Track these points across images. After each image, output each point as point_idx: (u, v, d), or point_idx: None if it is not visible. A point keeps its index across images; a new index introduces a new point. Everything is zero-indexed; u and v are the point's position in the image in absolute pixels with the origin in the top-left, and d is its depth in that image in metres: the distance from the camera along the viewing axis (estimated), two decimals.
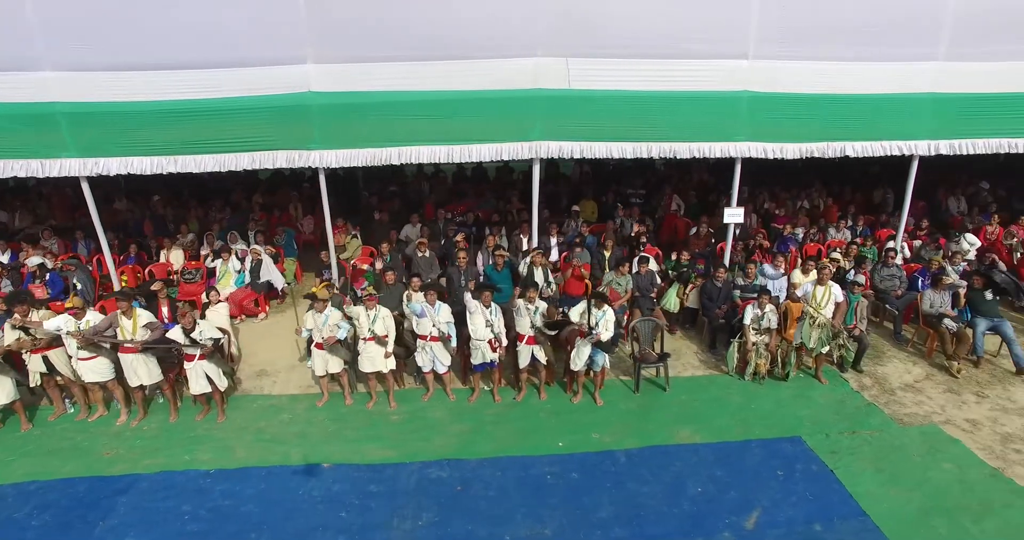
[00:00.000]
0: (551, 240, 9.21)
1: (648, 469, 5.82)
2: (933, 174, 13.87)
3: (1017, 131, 8.23)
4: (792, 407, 6.82)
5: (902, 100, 7.91)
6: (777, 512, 5.30)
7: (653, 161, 13.57)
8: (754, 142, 7.75)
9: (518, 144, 7.43)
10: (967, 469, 5.84)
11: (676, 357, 7.90)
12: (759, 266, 8.18)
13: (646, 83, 7.34)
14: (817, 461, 5.91)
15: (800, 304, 7.23)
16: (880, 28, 7.53)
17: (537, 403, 6.94)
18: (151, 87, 6.68)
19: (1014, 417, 6.68)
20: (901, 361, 7.83)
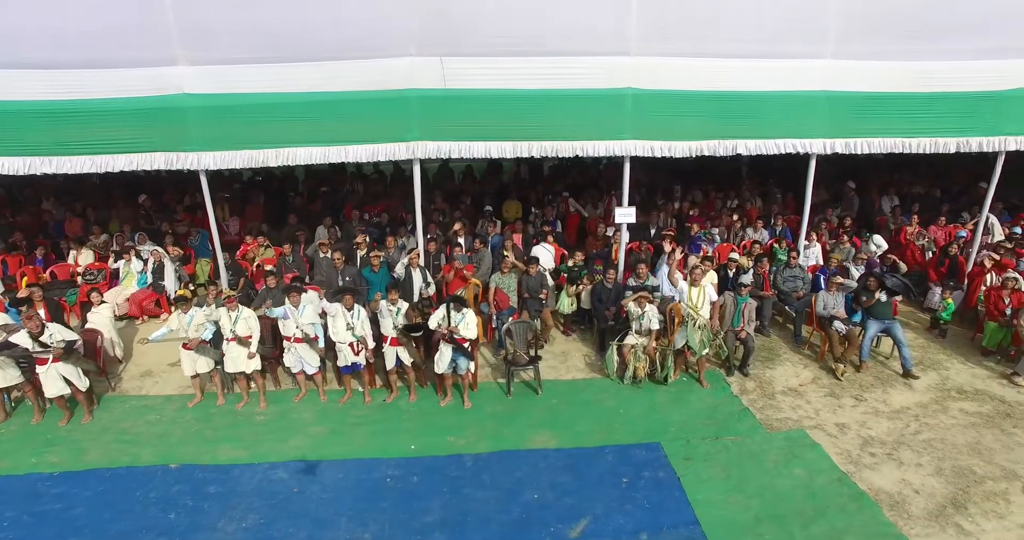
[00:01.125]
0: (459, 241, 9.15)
1: (491, 474, 5.75)
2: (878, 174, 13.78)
3: (910, 131, 8.03)
4: (664, 412, 6.72)
5: (795, 98, 7.74)
6: (608, 520, 5.21)
7: (594, 161, 13.63)
8: (641, 141, 7.62)
9: (395, 145, 7.36)
10: (817, 475, 5.72)
11: (564, 359, 7.84)
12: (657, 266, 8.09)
13: (524, 81, 7.24)
14: (667, 468, 5.81)
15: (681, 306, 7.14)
16: (767, 25, 7.39)
17: (406, 405, 6.90)
18: (19, 87, 6.70)
19: (883, 420, 6.54)
20: (793, 364, 7.69)
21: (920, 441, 6.22)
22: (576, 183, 12.18)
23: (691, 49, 7.42)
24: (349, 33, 6.97)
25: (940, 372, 7.54)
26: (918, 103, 7.99)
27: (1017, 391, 7.09)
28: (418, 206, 7.91)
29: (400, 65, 7.14)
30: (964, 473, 5.74)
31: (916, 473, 5.75)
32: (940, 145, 8.21)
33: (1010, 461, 5.90)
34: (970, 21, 7.64)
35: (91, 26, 6.58)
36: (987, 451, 6.06)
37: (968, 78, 7.93)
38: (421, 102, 7.27)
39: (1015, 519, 5.20)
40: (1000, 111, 8.10)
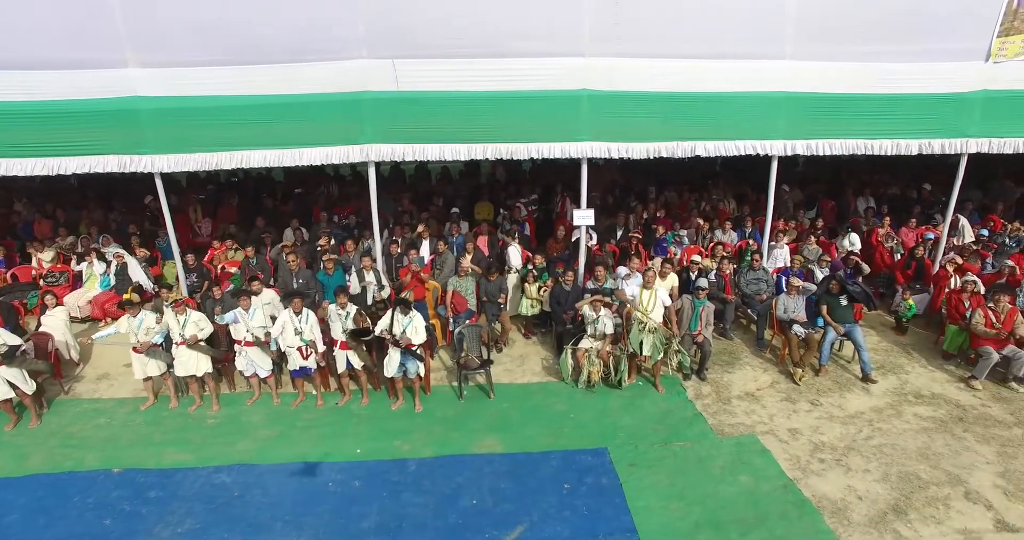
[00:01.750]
0: (423, 242, 9.11)
1: (433, 479, 5.72)
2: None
3: (872, 133, 7.97)
4: (615, 416, 6.67)
5: (755, 99, 7.67)
6: (544, 527, 5.17)
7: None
8: (598, 142, 7.56)
9: (348, 147, 7.32)
10: (763, 481, 5.67)
11: (521, 363, 7.80)
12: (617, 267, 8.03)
13: (478, 83, 7.18)
14: (611, 474, 5.76)
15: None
16: (724, 26, 7.31)
17: (358, 408, 6.86)
18: None
19: (836, 425, 6.49)
20: (752, 368, 7.64)
21: (871, 446, 6.17)
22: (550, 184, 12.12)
23: (647, 50, 7.35)
24: (300, 35, 6.92)
25: (900, 376, 7.48)
26: (880, 104, 7.92)
27: (973, 395, 7.04)
28: (374, 209, 7.85)
29: (353, 68, 7.09)
30: (909, 479, 5.69)
31: (862, 479, 5.70)
32: (902, 146, 8.15)
33: (956, 466, 5.85)
34: (928, 23, 7.56)
35: (40, 27, 6.54)
36: (935, 456, 6.01)
37: (928, 80, 7.85)
38: (374, 104, 7.22)
39: (953, 524, 5.15)
40: (961, 113, 8.03)
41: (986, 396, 7.03)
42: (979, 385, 7.15)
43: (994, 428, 6.46)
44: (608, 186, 12.24)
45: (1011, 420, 6.59)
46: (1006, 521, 5.19)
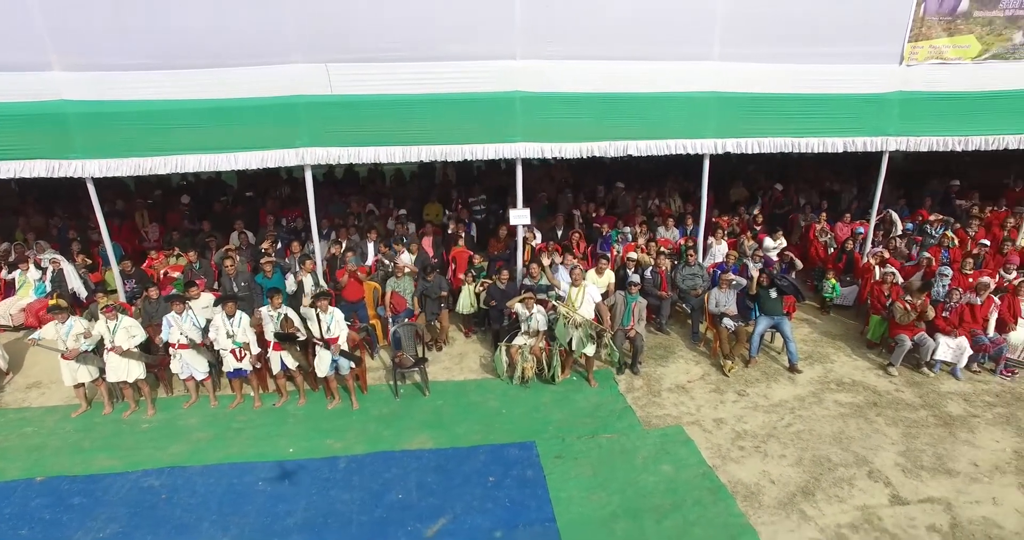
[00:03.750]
0: (368, 244, 9.18)
1: (361, 476, 5.80)
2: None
3: (799, 131, 8.28)
4: (547, 411, 6.82)
5: (685, 99, 7.91)
6: (466, 519, 5.29)
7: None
8: (531, 142, 7.72)
9: (284, 151, 7.36)
10: (683, 470, 5.87)
11: (460, 361, 7.92)
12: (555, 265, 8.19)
13: (411, 86, 7.29)
14: (536, 466, 5.91)
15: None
16: (653, 28, 7.54)
17: (294, 409, 6.91)
18: None
19: (759, 414, 6.73)
20: (686, 361, 7.86)
21: (790, 433, 6.42)
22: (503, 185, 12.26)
23: (579, 52, 7.55)
24: (232, 40, 6.95)
25: (825, 365, 7.78)
26: (805, 104, 8.23)
27: (889, 381, 7.37)
28: (312, 212, 7.90)
29: (286, 72, 7.14)
30: (821, 462, 5.95)
31: (777, 464, 5.94)
32: (828, 145, 8.48)
33: (865, 448, 6.13)
34: (845, 27, 7.91)
35: None
36: (847, 440, 6.29)
37: (849, 81, 8.19)
38: (308, 108, 7.28)
39: (854, 502, 5.42)
40: (881, 112, 8.39)
41: (901, 382, 7.36)
42: (895, 371, 7.49)
43: (903, 411, 6.78)
44: (559, 185, 12.44)
45: (919, 403, 6.92)
46: (900, 496, 5.50)
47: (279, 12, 6.88)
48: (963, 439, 6.32)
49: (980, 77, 8.34)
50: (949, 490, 5.59)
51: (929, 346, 7.37)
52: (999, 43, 8.18)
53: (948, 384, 7.33)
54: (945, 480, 5.72)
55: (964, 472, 5.83)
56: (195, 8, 6.73)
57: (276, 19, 6.91)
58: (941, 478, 5.75)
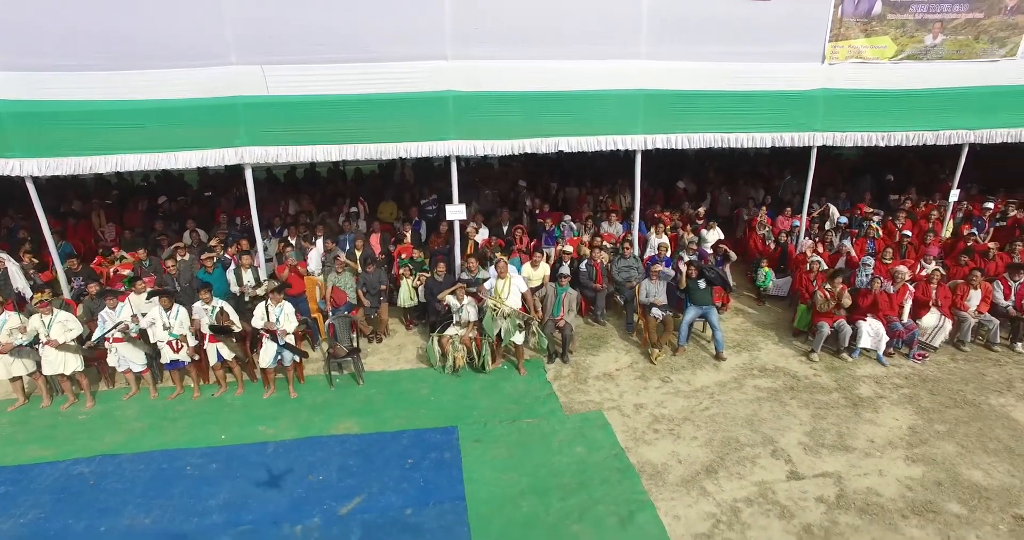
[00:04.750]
0: (317, 241, 9.40)
1: (287, 459, 6.04)
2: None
3: (728, 127, 8.58)
4: (474, 398, 7.07)
5: (614, 97, 8.20)
6: (380, 498, 5.54)
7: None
8: (463, 140, 7.99)
9: (224, 150, 7.59)
10: (596, 451, 6.13)
11: (398, 352, 8.17)
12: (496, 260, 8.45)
13: (347, 86, 7.54)
14: (455, 449, 6.16)
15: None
16: (580, 28, 7.84)
17: (232, 399, 7.14)
18: None
19: (680, 399, 7.01)
20: (617, 350, 8.14)
21: (705, 416, 6.70)
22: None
23: (509, 52, 7.82)
24: (169, 42, 7.18)
25: (751, 353, 8.08)
26: (733, 101, 8.53)
27: (810, 367, 7.67)
28: (253, 210, 8.10)
29: (224, 73, 7.37)
30: (729, 442, 6.23)
31: (688, 445, 6.21)
32: (757, 140, 8.79)
33: (773, 429, 6.42)
34: (771, 27, 8.25)
35: None
36: (759, 422, 6.57)
37: (775, 79, 8.52)
38: (247, 109, 7.51)
39: (753, 478, 5.70)
40: (807, 109, 8.71)
41: (820, 367, 7.67)
42: (816, 357, 7.79)
43: (817, 394, 7.08)
44: (512, 183, 12.72)
45: (833, 386, 7.23)
46: (797, 472, 5.79)
47: (215, 15, 7.12)
48: (867, 418, 6.63)
49: (897, 76, 8.69)
50: (843, 465, 5.89)
51: (846, 333, 7.68)
52: (912, 44, 8.54)
53: (864, 368, 7.65)
54: (841, 456, 6.02)
55: (860, 448, 6.13)
56: (132, 10, 6.96)
57: (212, 22, 7.15)
58: (838, 454, 6.05)
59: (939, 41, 8.59)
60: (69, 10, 6.91)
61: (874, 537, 5.05)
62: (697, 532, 5.12)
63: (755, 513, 5.31)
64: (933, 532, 5.09)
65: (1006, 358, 7.83)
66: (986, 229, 9.82)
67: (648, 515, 5.29)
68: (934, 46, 8.61)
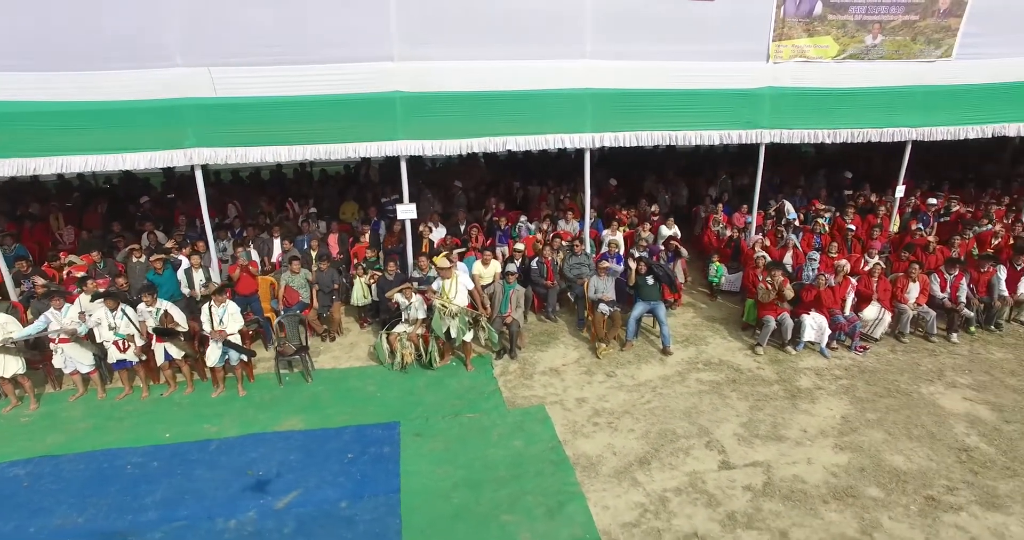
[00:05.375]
0: (274, 241, 9.47)
1: (229, 456, 6.11)
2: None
3: (675, 125, 8.71)
4: (420, 394, 7.17)
5: (561, 96, 8.31)
6: (317, 492, 5.62)
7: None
8: (413, 141, 8.08)
9: (173, 152, 7.61)
10: (533, 445, 6.24)
11: (350, 350, 8.25)
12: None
13: (295, 88, 7.60)
14: (394, 444, 6.26)
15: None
16: (525, 28, 7.95)
17: (180, 398, 7.19)
18: None
19: (622, 393, 7.14)
20: (565, 346, 8.27)
21: (645, 409, 6.84)
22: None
23: (455, 53, 7.93)
24: (112, 43, 7.21)
25: (699, 347, 8.23)
26: (680, 99, 8.68)
27: (754, 360, 7.83)
28: (204, 211, 8.13)
29: (171, 74, 7.40)
30: (666, 434, 6.37)
31: (624, 438, 6.34)
32: (704, 137, 8.94)
33: (710, 421, 6.57)
34: (716, 26, 8.43)
35: None
36: (697, 414, 6.72)
37: (722, 77, 8.68)
38: (195, 110, 7.54)
39: (684, 469, 5.84)
40: (753, 107, 8.87)
41: (764, 360, 7.83)
42: (761, 351, 7.96)
43: (758, 386, 7.24)
44: (476, 182, 12.83)
45: (774, 378, 7.39)
46: (729, 462, 5.93)
47: (159, 17, 7.17)
48: (803, 409, 6.80)
49: (841, 75, 8.89)
50: (774, 454, 6.05)
51: (788, 326, 7.85)
52: (853, 44, 8.74)
53: (807, 361, 7.82)
54: (773, 446, 6.18)
55: (792, 438, 6.29)
56: (73, 11, 6.99)
57: (156, 24, 7.20)
58: (771, 444, 6.21)
59: (879, 41, 8.80)
60: (8, 10, 6.93)
61: (794, 522, 5.21)
62: (623, 521, 5.25)
63: (683, 502, 5.45)
64: (850, 516, 5.26)
65: (941, 348, 8.05)
66: (931, 224, 10.06)
67: (577, 505, 5.41)
68: (874, 46, 8.82)
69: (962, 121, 9.30)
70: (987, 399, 6.90)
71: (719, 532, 5.12)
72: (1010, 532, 5.05)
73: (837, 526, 5.16)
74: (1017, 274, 8.36)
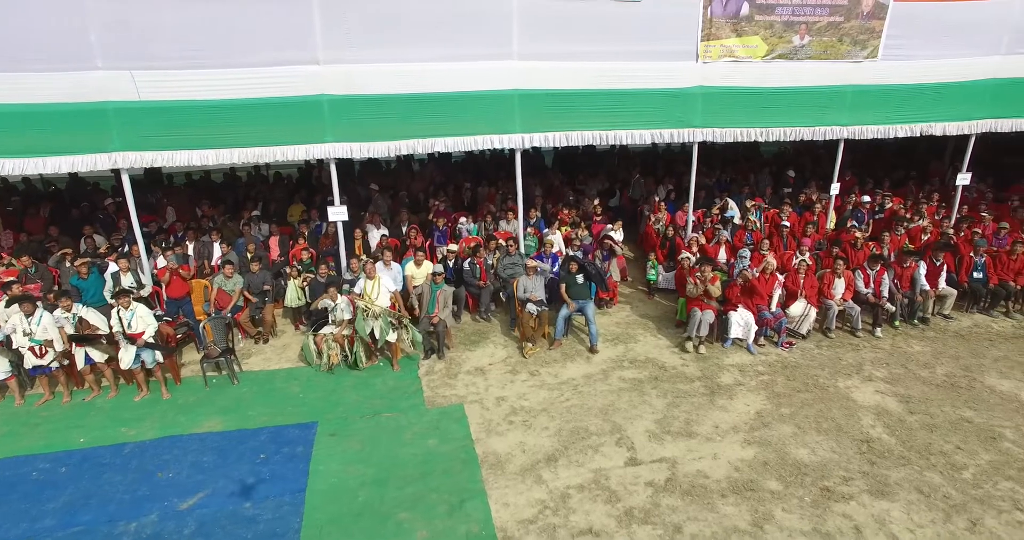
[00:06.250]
0: (214, 245, 9.47)
1: (141, 459, 6.11)
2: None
3: (607, 125, 8.81)
4: (343, 394, 7.21)
5: (488, 97, 8.37)
6: (224, 492, 5.65)
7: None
8: (342, 143, 8.12)
9: (96, 156, 7.58)
10: (446, 443, 6.30)
11: (282, 351, 8.27)
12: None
13: (221, 92, 7.58)
14: (308, 443, 6.30)
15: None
16: (450, 29, 7.99)
17: (103, 402, 7.17)
18: None
19: (543, 392, 7.21)
20: (495, 346, 8.33)
21: (563, 408, 6.90)
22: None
23: (382, 55, 7.95)
24: (29, 44, 7.16)
25: (628, 345, 8.32)
26: (611, 99, 8.77)
27: (680, 357, 7.93)
28: (133, 215, 8.13)
29: (92, 77, 7.37)
30: (578, 432, 6.44)
31: (537, 436, 6.40)
32: (637, 137, 9.05)
33: (625, 418, 6.64)
34: (645, 27, 8.49)
35: None
36: (613, 411, 6.79)
37: (652, 77, 8.78)
38: (118, 114, 7.53)
39: (591, 466, 5.91)
40: (686, 106, 8.99)
41: (690, 357, 7.93)
42: (690, 347, 8.05)
43: (679, 383, 7.33)
44: (426, 184, 12.88)
45: (697, 375, 7.49)
46: (636, 458, 6.01)
47: (77, 19, 7.13)
48: (720, 405, 6.90)
49: (771, 75, 9.01)
50: (682, 450, 6.14)
51: (706, 320, 7.91)
52: (782, 45, 8.86)
53: (733, 358, 7.93)
54: (683, 442, 6.27)
55: (703, 434, 6.39)
56: None
57: (74, 26, 7.16)
58: (681, 440, 6.30)
59: (806, 42, 8.92)
60: None
61: (689, 516, 5.29)
62: (522, 518, 5.31)
63: (583, 498, 5.52)
64: (745, 509, 5.35)
65: (865, 343, 8.19)
66: (866, 221, 10.21)
67: (478, 502, 5.46)
68: (802, 46, 8.94)
69: (891, 120, 9.47)
70: (897, 391, 7.05)
71: (614, 527, 5.19)
72: (891, 517, 5.18)
73: (730, 519, 5.24)
74: (937, 269, 8.52)
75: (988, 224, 9.73)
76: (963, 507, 5.28)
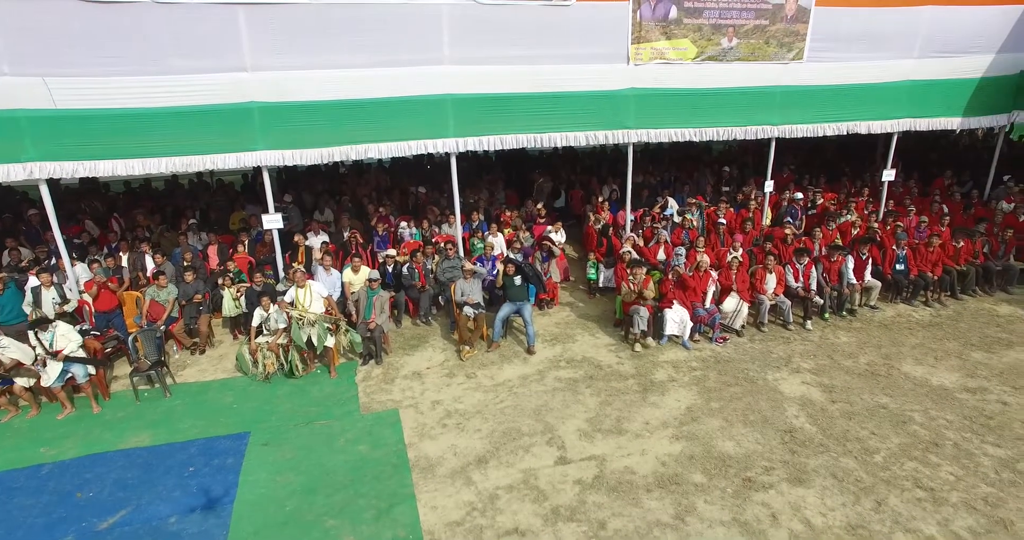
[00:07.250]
0: (145, 256, 9.26)
1: (60, 480, 5.94)
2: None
3: (540, 127, 8.93)
4: (278, 403, 7.14)
5: (421, 102, 8.41)
6: (148, 508, 5.54)
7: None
8: (272, 150, 8.06)
9: (9, 165, 7.32)
10: (378, 449, 6.29)
11: (219, 362, 8.15)
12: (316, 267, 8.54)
13: (144, 100, 7.45)
14: (239, 454, 6.22)
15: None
16: (380, 36, 7.99)
17: (21, 422, 6.92)
18: None
19: (478, 394, 7.25)
20: (433, 349, 8.35)
21: (497, 409, 6.94)
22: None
23: (311, 62, 7.91)
24: None
25: (565, 345, 8.42)
26: (543, 102, 8.88)
27: (616, 355, 8.06)
28: (54, 225, 7.90)
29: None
30: (510, 433, 6.50)
31: (469, 438, 6.44)
32: (571, 138, 9.18)
33: (557, 418, 6.73)
34: (574, 30, 8.62)
35: None
36: (546, 411, 6.87)
37: (584, 80, 8.91)
38: (32, 122, 7.31)
39: (521, 466, 5.97)
40: (619, 108, 9.15)
41: (626, 355, 8.07)
42: (640, 347, 8.17)
43: (613, 382, 7.45)
44: (370, 188, 12.81)
45: (631, 373, 7.63)
46: (566, 457, 6.09)
47: None
48: (651, 402, 7.04)
49: (701, 76, 9.24)
50: (612, 447, 6.25)
51: (643, 317, 8.07)
52: (711, 47, 9.09)
53: (668, 354, 8.09)
54: (613, 439, 6.38)
55: (633, 431, 6.51)
56: None
57: None
58: (611, 438, 6.41)
59: (735, 44, 9.17)
60: None
61: (614, 512, 5.40)
62: (449, 520, 5.35)
63: (511, 499, 5.58)
64: (669, 502, 5.48)
65: (796, 336, 8.46)
66: (799, 217, 10.54)
67: (407, 507, 5.48)
68: (731, 48, 9.19)
69: (818, 119, 9.80)
70: (822, 382, 7.30)
71: (540, 526, 5.27)
72: (806, 503, 5.37)
73: (654, 513, 5.36)
74: (863, 262, 8.85)
75: (911, 218, 10.13)
76: (871, 489, 5.52)
